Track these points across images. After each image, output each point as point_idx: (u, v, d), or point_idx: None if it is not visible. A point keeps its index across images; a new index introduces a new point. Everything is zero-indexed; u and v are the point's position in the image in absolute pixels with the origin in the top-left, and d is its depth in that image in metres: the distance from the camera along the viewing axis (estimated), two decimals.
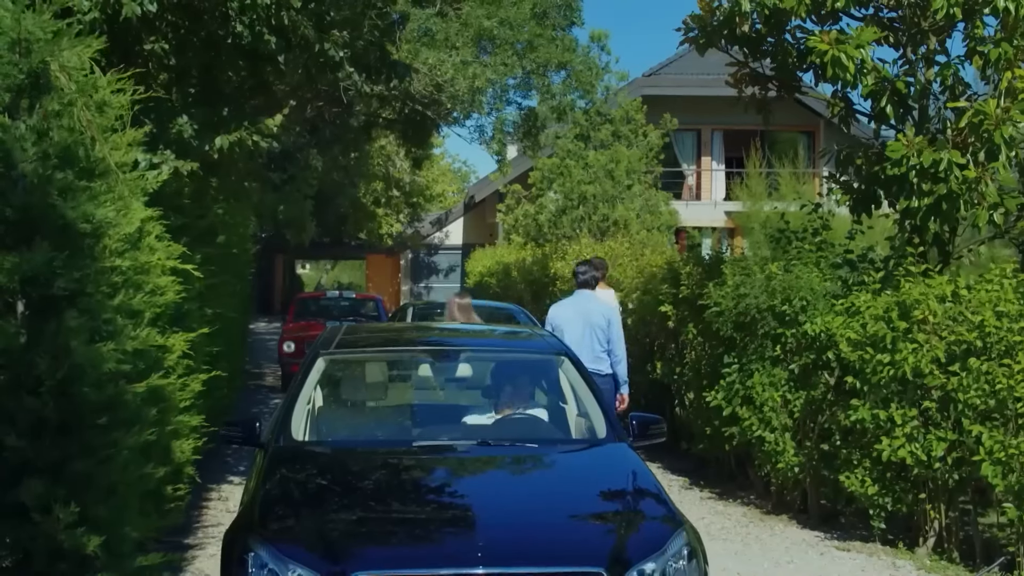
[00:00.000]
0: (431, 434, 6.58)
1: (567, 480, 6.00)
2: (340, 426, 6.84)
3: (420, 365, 7.88)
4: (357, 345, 7.52)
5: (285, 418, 6.18)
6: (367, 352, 7.55)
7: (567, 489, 5.78)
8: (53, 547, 4.32)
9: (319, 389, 6.75)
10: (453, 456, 6.17)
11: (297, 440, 6.14)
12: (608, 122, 26.44)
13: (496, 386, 7.23)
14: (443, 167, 44.50)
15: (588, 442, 6.46)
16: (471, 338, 8.07)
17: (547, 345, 7.47)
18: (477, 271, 28.95)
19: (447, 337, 8.21)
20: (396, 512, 5.42)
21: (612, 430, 6.34)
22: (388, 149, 30.63)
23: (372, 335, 8.58)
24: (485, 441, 6.26)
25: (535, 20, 17.23)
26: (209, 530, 8.65)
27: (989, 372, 7.77)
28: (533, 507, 5.48)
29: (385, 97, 15.17)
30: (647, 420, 6.58)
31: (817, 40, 9.03)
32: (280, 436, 6.04)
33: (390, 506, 5.50)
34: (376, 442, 6.53)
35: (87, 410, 4.47)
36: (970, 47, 9.25)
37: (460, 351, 7.66)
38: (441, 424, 6.88)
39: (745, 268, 10.15)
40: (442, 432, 6.60)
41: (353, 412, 7.13)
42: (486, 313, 16.11)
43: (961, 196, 8.76)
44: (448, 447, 6.27)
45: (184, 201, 8.29)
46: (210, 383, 8.24)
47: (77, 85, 4.60)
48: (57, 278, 4.32)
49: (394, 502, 5.58)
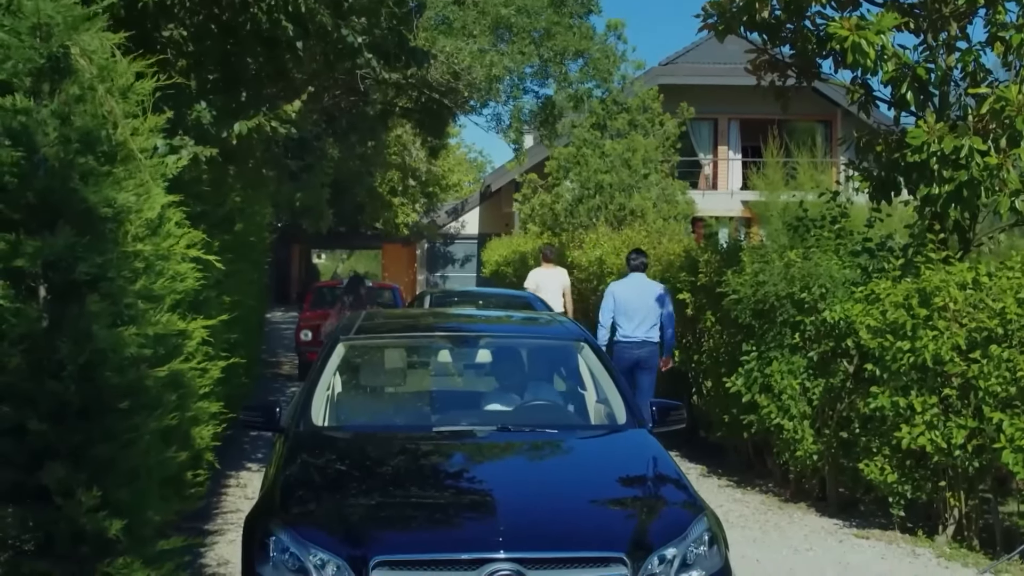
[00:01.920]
0: (451, 419, 6.59)
1: (587, 466, 5.99)
2: (360, 411, 6.85)
3: (439, 351, 7.87)
4: (376, 331, 7.51)
5: (305, 403, 6.19)
6: (386, 338, 7.55)
7: (587, 475, 5.77)
8: (75, 530, 4.33)
9: (339, 375, 6.75)
10: (473, 442, 6.18)
11: (317, 425, 6.14)
12: (624, 111, 26.37)
13: (515, 372, 7.23)
14: (459, 157, 44.44)
15: (608, 428, 6.45)
16: (490, 324, 8.07)
17: (566, 331, 7.41)
18: (493, 260, 28.93)
19: (466, 323, 8.19)
20: (416, 497, 5.44)
21: (632, 416, 6.32)
22: (404, 138, 30.61)
23: (391, 321, 8.59)
24: (505, 427, 6.29)
25: (552, 8, 17.20)
26: (228, 516, 8.67)
27: (1010, 359, 7.73)
28: (553, 492, 5.47)
29: (402, 85, 15.18)
30: (667, 406, 6.55)
31: (837, 26, 8.99)
32: (300, 421, 6.05)
33: (410, 491, 5.50)
34: (396, 427, 6.53)
35: (109, 394, 4.47)
36: (992, 33, 9.19)
37: (479, 337, 7.62)
38: (461, 410, 6.88)
39: (764, 255, 10.12)
40: (462, 417, 6.61)
41: (373, 398, 7.14)
42: (501, 301, 16.14)
43: (982, 183, 8.70)
44: (468, 432, 6.29)
45: (203, 188, 8.29)
46: (228, 370, 8.25)
47: (98, 69, 4.60)
48: (79, 263, 4.32)
49: (414, 487, 5.57)
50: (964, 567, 7.92)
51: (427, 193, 37.24)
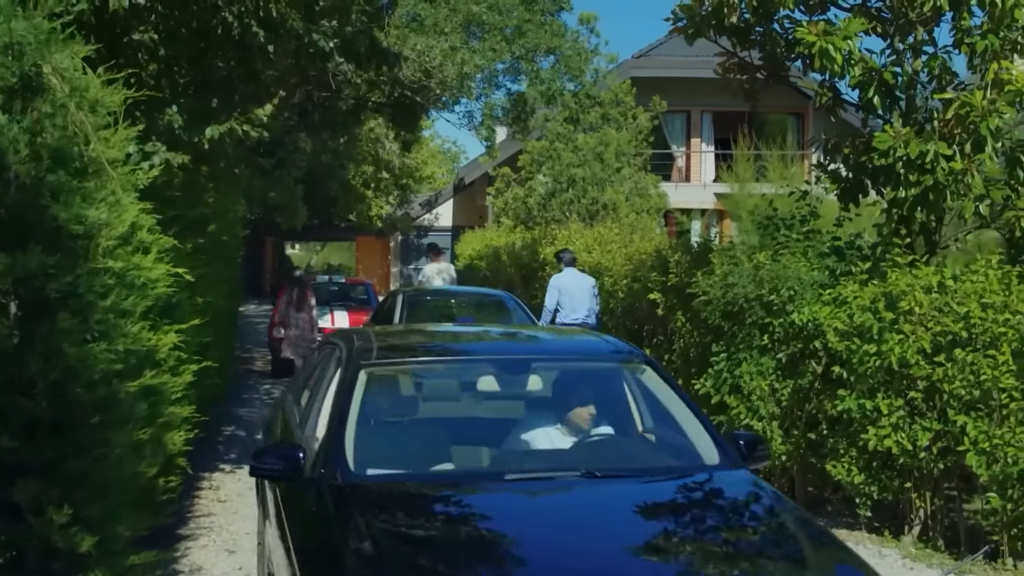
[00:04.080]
0: (518, 463, 5.57)
1: (723, 526, 4.96)
2: (404, 454, 5.60)
3: (482, 377, 6.57)
4: (401, 353, 6.54)
5: (337, 446, 5.15)
6: (417, 362, 6.52)
7: (730, 539, 4.79)
8: (47, 546, 4.37)
9: (365, 408, 5.59)
10: (562, 496, 5.12)
11: (360, 474, 5.06)
12: (597, 105, 26.48)
13: (573, 400, 5.98)
14: (432, 149, 44.46)
15: (705, 469, 5.43)
16: (534, 344, 7.13)
17: (622, 351, 6.55)
18: (467, 254, 28.97)
19: (506, 342, 7.21)
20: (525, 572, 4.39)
21: (724, 453, 5.45)
22: (377, 131, 30.57)
23: (411, 340, 7.30)
24: (591, 472, 5.15)
25: (524, 5, 17.23)
26: (201, 520, 8.70)
27: (974, 363, 7.84)
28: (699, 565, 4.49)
29: (374, 82, 15.17)
30: (752, 439, 5.71)
31: (805, 31, 9.07)
32: (337, 469, 4.99)
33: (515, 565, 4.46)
34: (459, 476, 5.41)
35: (80, 410, 4.50)
36: (957, 37, 9.29)
37: (528, 360, 6.57)
38: (525, 450, 5.75)
39: (733, 257, 10.20)
40: (529, 460, 5.59)
41: (413, 436, 5.97)
42: (474, 300, 16.18)
43: (948, 187, 8.81)
44: (548, 480, 5.23)
45: (174, 193, 8.29)
46: (201, 372, 8.27)
47: (70, 86, 4.62)
48: (50, 280, 4.35)
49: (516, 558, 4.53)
50: (929, 568, 8.04)
51: (400, 185, 37.22)
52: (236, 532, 8.48)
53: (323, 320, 19.04)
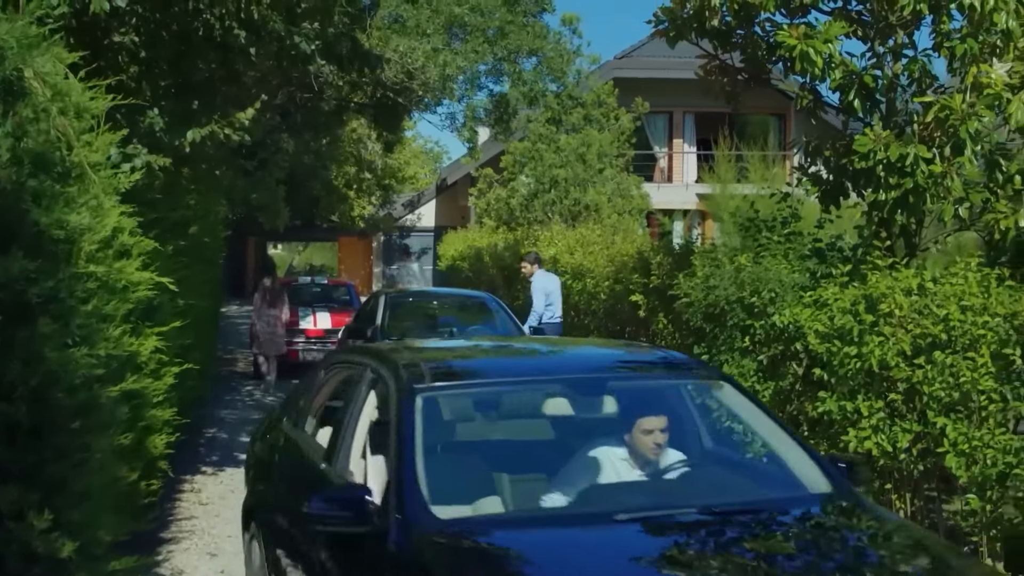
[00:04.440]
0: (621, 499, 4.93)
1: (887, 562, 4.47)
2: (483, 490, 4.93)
3: (551, 399, 5.79)
4: (458, 376, 5.79)
5: (410, 484, 4.52)
6: (481, 385, 5.81)
7: None
8: (27, 552, 4.35)
9: (428, 439, 4.95)
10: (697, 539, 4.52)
11: (445, 518, 4.43)
12: (580, 106, 26.51)
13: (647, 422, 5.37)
14: (415, 149, 44.45)
15: (821, 499, 4.93)
16: (601, 361, 6.35)
17: (694, 366, 6.13)
18: (449, 255, 28.97)
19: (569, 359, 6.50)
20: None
21: (831, 479, 4.99)
22: (360, 132, 30.57)
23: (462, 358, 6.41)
24: (708, 508, 4.62)
25: (506, 7, 17.24)
26: (182, 523, 8.69)
27: (953, 365, 7.86)
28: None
29: (356, 83, 15.17)
30: (852, 461, 5.34)
31: (786, 35, 9.09)
32: (415, 513, 4.38)
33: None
34: (564, 518, 4.77)
35: (60, 415, 4.49)
36: (937, 41, 9.33)
37: (601, 379, 5.85)
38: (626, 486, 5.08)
39: (715, 259, 10.24)
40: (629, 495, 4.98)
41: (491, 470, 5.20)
42: (456, 302, 16.21)
43: (927, 190, 8.85)
44: (666, 519, 4.59)
45: (156, 196, 8.28)
46: (183, 375, 8.25)
47: (52, 90, 4.61)
48: (31, 285, 4.33)
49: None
50: None
51: (383, 186, 37.20)
52: (218, 535, 8.47)
53: (305, 321, 19.04)
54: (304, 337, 18.78)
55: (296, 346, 18.53)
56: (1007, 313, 7.77)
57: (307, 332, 18.91)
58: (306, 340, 18.74)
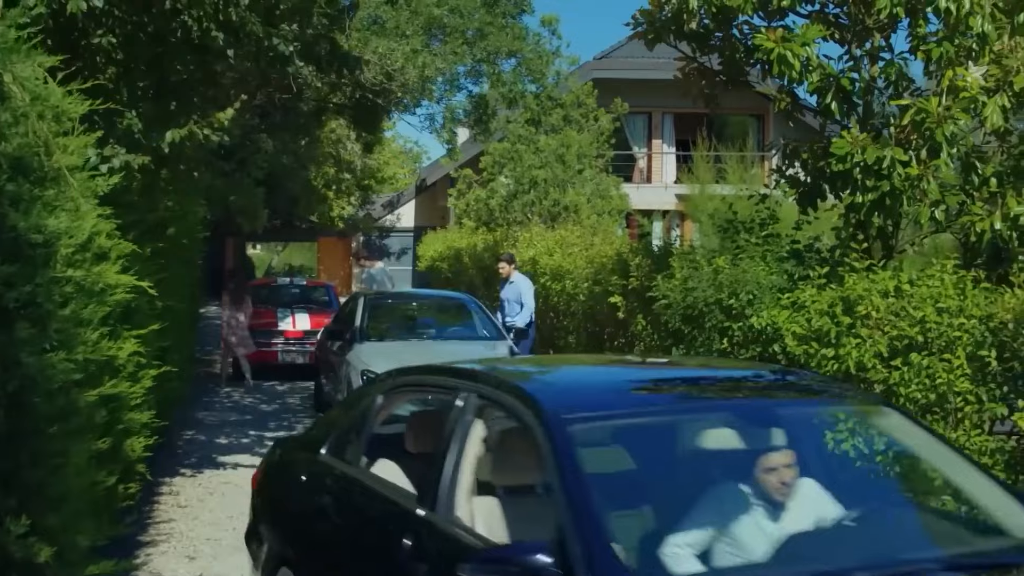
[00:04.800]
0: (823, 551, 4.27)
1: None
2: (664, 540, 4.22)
3: (714, 431, 5.10)
4: (617, 407, 4.94)
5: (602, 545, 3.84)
6: (642, 416, 4.93)
7: None
8: (4, 557, 4.32)
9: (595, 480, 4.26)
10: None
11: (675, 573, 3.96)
12: (559, 106, 26.54)
13: (825, 461, 4.91)
14: (394, 149, 44.38)
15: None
16: (757, 387, 5.61)
17: (850, 391, 5.61)
18: (428, 255, 28.97)
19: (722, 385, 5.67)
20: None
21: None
22: (339, 132, 30.49)
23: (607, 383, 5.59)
24: (955, 564, 4.08)
25: (485, 8, 17.25)
26: (161, 527, 8.66)
27: (930, 367, 7.92)
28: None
29: (335, 84, 15.14)
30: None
31: (763, 38, 9.14)
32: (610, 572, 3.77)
33: None
34: None
35: (38, 420, 4.47)
36: (914, 44, 9.39)
37: (768, 407, 5.14)
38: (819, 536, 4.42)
39: (693, 261, 10.27)
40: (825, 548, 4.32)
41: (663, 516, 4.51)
42: (436, 304, 16.22)
43: (904, 192, 8.91)
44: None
45: (133, 198, 8.25)
46: (161, 377, 8.23)
47: (31, 95, 4.59)
48: (9, 290, 4.32)
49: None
50: None
51: (362, 186, 37.12)
52: (196, 538, 8.45)
53: (284, 322, 19.00)
54: (283, 338, 18.73)
55: (275, 347, 18.50)
56: (983, 315, 7.83)
57: (286, 333, 18.86)
58: (285, 341, 18.70)
